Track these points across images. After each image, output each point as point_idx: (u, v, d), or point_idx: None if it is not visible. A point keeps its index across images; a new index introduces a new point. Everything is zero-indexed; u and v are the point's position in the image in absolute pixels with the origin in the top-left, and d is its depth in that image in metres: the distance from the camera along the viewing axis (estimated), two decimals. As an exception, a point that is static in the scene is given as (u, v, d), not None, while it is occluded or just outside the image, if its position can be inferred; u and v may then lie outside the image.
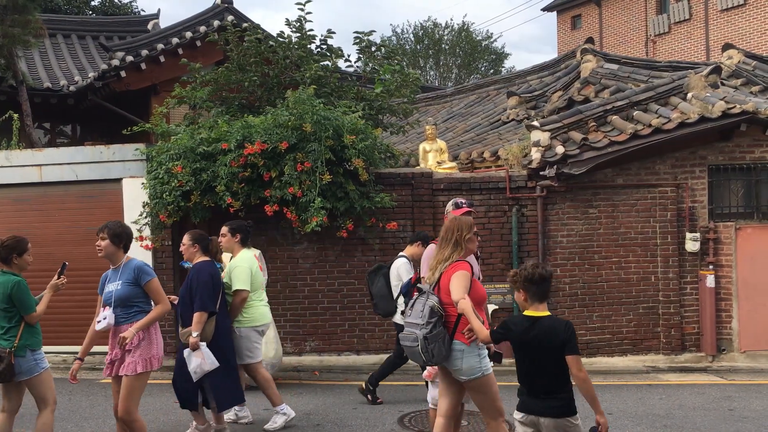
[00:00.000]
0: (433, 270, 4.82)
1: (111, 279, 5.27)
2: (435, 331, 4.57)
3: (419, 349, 4.56)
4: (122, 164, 9.70)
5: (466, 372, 4.66)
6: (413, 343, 4.61)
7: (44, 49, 16.71)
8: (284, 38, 11.28)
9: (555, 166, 9.02)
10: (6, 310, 5.14)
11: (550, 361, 3.97)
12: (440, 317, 4.62)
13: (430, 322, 4.56)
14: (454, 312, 4.61)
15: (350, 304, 9.38)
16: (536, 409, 4.01)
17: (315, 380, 8.74)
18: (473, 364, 4.65)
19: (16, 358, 5.06)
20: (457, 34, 37.26)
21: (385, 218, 9.11)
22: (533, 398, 4.03)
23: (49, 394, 5.26)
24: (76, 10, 24.09)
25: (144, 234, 9.05)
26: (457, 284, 4.59)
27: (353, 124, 8.89)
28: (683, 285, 9.39)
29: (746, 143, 9.42)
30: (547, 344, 3.97)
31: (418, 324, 4.60)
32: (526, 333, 4.03)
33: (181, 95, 10.96)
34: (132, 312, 5.22)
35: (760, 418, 6.90)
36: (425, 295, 4.71)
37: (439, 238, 4.93)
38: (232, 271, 6.44)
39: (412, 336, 4.62)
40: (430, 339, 4.54)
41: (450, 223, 4.92)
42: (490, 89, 15.43)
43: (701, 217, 9.38)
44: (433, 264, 4.87)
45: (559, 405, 3.98)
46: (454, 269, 4.68)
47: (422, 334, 4.55)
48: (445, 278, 4.71)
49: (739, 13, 22.94)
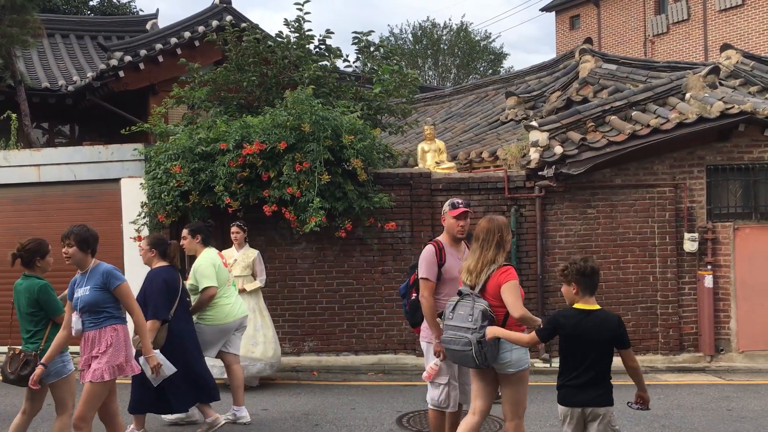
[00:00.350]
0: (476, 272, 4.74)
1: (79, 284, 5.06)
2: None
3: (472, 353, 4.54)
4: (120, 164, 9.70)
5: (516, 364, 4.69)
6: (465, 347, 4.57)
7: (42, 49, 16.70)
8: (283, 38, 11.28)
9: (553, 167, 9.03)
10: (32, 315, 5.14)
11: (598, 354, 4.13)
12: (491, 320, 4.61)
13: (483, 326, 4.55)
14: (501, 313, 4.64)
15: (349, 305, 9.38)
16: (582, 400, 4.16)
17: (313, 380, 8.74)
18: (521, 356, 4.72)
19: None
20: (456, 35, 37.27)
21: (383, 218, 9.11)
22: (579, 390, 4.17)
23: (69, 399, 5.23)
24: (74, 9, 24.06)
25: (142, 234, 9.03)
26: (514, 299, 4.56)
27: (352, 124, 8.89)
28: (681, 285, 9.39)
29: (744, 143, 9.42)
30: (597, 337, 4.12)
31: (468, 328, 4.57)
32: (578, 326, 4.14)
33: (179, 95, 10.95)
34: (101, 318, 4.99)
35: (758, 418, 6.91)
36: (470, 299, 4.66)
37: (475, 239, 4.84)
38: (196, 271, 6.48)
39: (463, 340, 4.58)
40: (483, 343, 4.54)
41: (488, 224, 4.82)
42: (488, 89, 15.44)
43: (699, 217, 9.39)
44: (473, 266, 4.77)
45: (604, 394, 4.18)
46: (504, 276, 4.65)
47: (476, 338, 4.53)
48: (493, 282, 4.67)
49: (738, 13, 22.96)
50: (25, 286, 5.14)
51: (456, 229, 5.20)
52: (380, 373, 9.05)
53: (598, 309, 4.20)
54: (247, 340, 7.97)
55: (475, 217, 9.26)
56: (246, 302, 8.10)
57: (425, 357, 5.35)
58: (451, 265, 5.17)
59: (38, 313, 5.13)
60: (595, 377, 4.16)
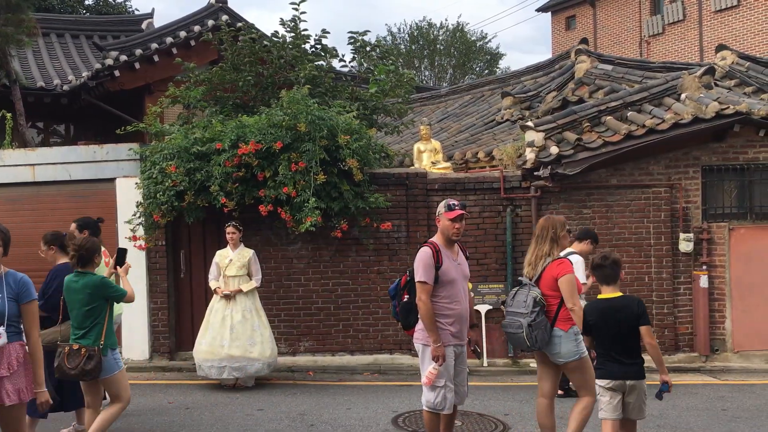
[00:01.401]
0: (533, 264, 5.34)
1: None
2: (538, 320, 5.13)
3: (524, 335, 5.14)
4: (116, 164, 9.68)
5: (565, 355, 5.21)
6: (517, 330, 5.18)
7: (38, 48, 16.65)
8: (279, 38, 11.27)
9: (549, 167, 9.03)
10: (91, 311, 5.22)
11: (622, 334, 4.74)
12: (542, 307, 5.16)
13: (533, 312, 5.12)
14: (555, 302, 5.19)
15: (344, 305, 9.37)
16: (620, 374, 4.77)
17: (309, 380, 8.72)
18: (571, 348, 5.19)
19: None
20: (452, 35, 37.28)
21: (379, 218, 9.11)
22: (617, 365, 4.77)
23: (124, 392, 5.41)
24: (69, 9, 23.99)
25: (138, 234, 9.02)
26: (570, 291, 5.14)
27: (348, 124, 8.88)
28: (677, 285, 9.41)
29: (740, 144, 9.44)
30: (618, 319, 4.74)
31: (522, 313, 5.16)
32: (600, 312, 4.81)
33: (175, 95, 10.93)
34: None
35: (753, 418, 6.92)
36: (527, 288, 5.25)
37: (534, 236, 5.45)
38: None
39: (516, 323, 5.18)
40: (534, 326, 5.11)
41: (544, 222, 5.42)
42: (484, 89, 15.45)
43: (695, 217, 9.41)
44: (530, 258, 5.37)
45: (638, 368, 4.78)
46: (559, 268, 5.20)
47: (526, 322, 5.12)
48: (548, 273, 5.23)
49: (733, 14, 23.01)
50: (83, 283, 5.23)
51: (452, 231, 5.17)
52: (376, 373, 9.04)
53: (618, 296, 4.82)
54: (245, 340, 7.98)
55: (471, 218, 9.32)
56: (243, 302, 8.13)
57: (420, 359, 5.31)
58: (448, 267, 5.12)
59: (95, 309, 5.23)
60: (623, 354, 4.75)
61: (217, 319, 8.11)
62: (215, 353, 7.99)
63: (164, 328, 9.41)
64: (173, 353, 9.48)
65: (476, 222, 9.36)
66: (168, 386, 8.36)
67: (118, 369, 5.34)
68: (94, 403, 5.47)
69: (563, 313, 5.17)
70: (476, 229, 9.37)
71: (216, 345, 8.00)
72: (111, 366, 5.28)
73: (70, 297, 5.30)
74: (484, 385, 8.31)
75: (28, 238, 8.21)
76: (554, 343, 5.19)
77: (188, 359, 8.96)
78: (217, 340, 8.01)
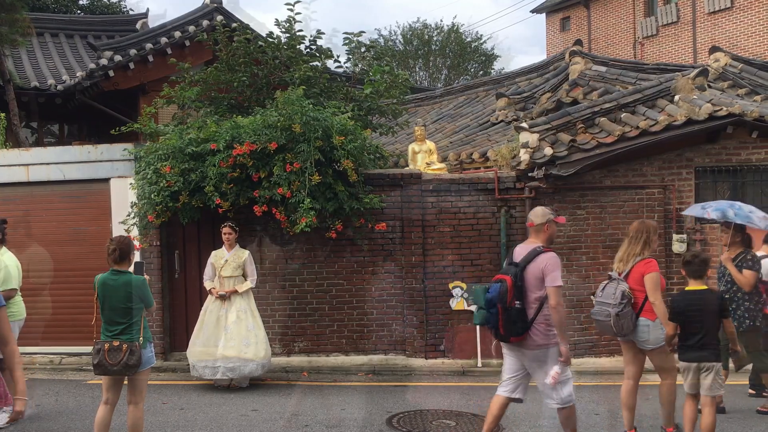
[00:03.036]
0: (624, 261, 5.98)
1: None
2: (625, 310, 5.74)
3: (611, 323, 5.74)
4: (110, 164, 9.66)
5: (653, 342, 5.81)
6: (606, 318, 5.78)
7: (32, 47, 16.62)
8: (273, 39, 11.27)
9: (543, 168, 9.06)
10: (129, 308, 5.33)
11: (703, 323, 5.57)
12: (629, 300, 5.76)
13: (621, 303, 5.73)
14: (641, 296, 5.81)
15: (339, 305, 9.38)
16: (695, 358, 5.61)
17: (303, 381, 8.72)
18: (659, 335, 5.78)
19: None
20: (447, 36, 37.29)
21: (374, 219, 9.12)
22: (693, 350, 5.60)
23: (145, 388, 5.57)
24: (64, 8, 23.93)
25: (132, 234, 9.00)
26: (654, 287, 5.76)
27: (342, 125, 8.89)
28: (670, 286, 9.41)
29: (733, 145, 9.49)
30: (699, 309, 5.57)
31: (610, 304, 5.76)
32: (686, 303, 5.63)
33: (169, 95, 10.92)
34: None
35: (746, 418, 6.95)
36: (615, 282, 5.88)
37: (627, 237, 6.09)
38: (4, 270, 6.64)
39: (605, 312, 5.79)
40: (621, 316, 5.72)
41: (639, 225, 6.07)
42: (479, 90, 15.47)
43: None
44: (622, 255, 6.03)
45: (711, 353, 5.59)
46: (647, 266, 5.84)
47: (614, 312, 5.72)
48: (637, 270, 5.85)
49: (726, 16, 23.09)
50: (123, 281, 5.34)
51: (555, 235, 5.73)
52: (370, 373, 9.05)
53: (703, 289, 5.66)
54: (239, 340, 7.98)
55: (465, 219, 9.34)
56: (237, 303, 8.13)
57: (539, 362, 5.33)
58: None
59: (135, 306, 5.33)
60: (703, 341, 5.56)
61: (211, 319, 8.12)
62: (209, 354, 8.00)
63: (158, 329, 9.39)
64: (167, 354, 9.46)
65: (471, 223, 9.38)
66: (162, 387, 8.35)
67: (152, 363, 5.56)
68: (113, 399, 5.54)
69: (648, 305, 5.77)
70: (470, 229, 9.39)
71: (210, 345, 8.01)
72: (148, 359, 5.45)
73: (108, 294, 5.36)
74: (479, 386, 8.33)
75: (21, 239, 8.21)
76: (643, 332, 5.79)
77: (182, 360, 8.96)
78: (211, 341, 8.02)
